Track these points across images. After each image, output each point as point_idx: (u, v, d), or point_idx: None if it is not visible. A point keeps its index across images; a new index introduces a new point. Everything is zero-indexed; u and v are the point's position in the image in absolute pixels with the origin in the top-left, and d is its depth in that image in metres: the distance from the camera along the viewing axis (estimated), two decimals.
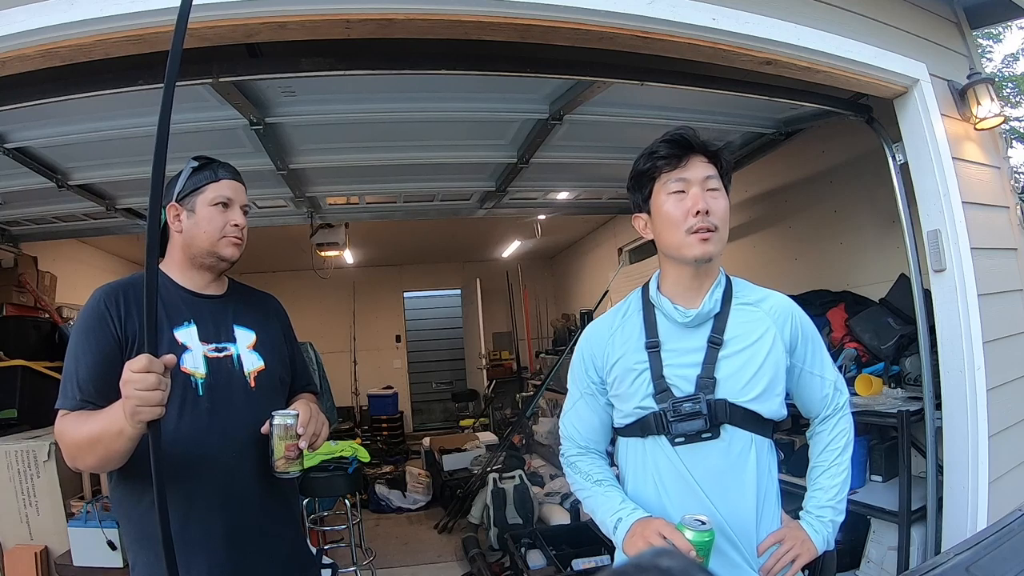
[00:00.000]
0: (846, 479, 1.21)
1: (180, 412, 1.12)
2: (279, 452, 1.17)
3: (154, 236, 0.86)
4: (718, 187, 1.12)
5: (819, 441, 1.26)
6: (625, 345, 1.17)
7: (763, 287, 1.22)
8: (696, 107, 2.42)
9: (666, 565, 0.40)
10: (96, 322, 1.14)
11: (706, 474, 1.09)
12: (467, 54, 1.69)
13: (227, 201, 1.24)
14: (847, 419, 1.24)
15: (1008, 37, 10.26)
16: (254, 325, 1.30)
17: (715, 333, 1.12)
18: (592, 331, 1.25)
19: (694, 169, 1.11)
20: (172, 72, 0.79)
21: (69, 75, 1.51)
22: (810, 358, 1.19)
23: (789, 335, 1.15)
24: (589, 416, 1.24)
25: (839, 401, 1.24)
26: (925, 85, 2.02)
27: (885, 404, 2.21)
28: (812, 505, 1.20)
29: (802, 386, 1.21)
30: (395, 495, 4.78)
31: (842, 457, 1.22)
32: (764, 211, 3.59)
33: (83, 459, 1.08)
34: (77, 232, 3.63)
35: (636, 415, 1.14)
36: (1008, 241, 2.22)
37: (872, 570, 2.17)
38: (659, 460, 1.12)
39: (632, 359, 1.15)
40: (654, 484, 1.13)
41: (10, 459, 2.66)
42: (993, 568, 0.81)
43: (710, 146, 1.13)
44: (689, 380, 1.11)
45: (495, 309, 7.24)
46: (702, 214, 1.07)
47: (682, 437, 1.09)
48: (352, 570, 3.02)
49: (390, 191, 3.40)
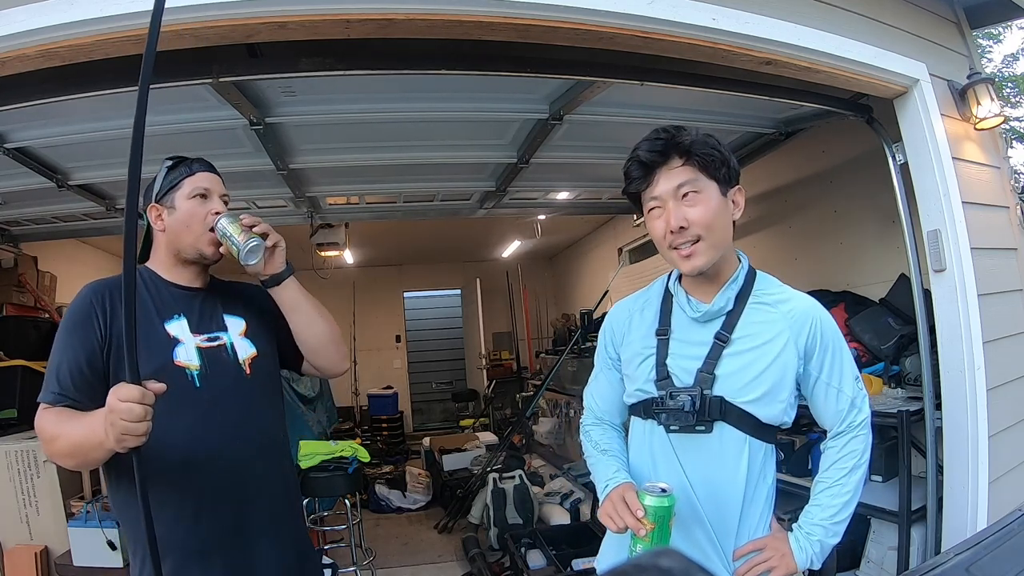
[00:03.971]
0: (849, 502, 1.13)
1: (179, 407, 1.11)
2: (236, 232, 1.18)
3: (131, 260, 0.84)
4: (697, 190, 1.06)
5: (827, 458, 1.19)
6: (640, 328, 1.20)
7: (790, 287, 1.19)
8: (696, 107, 2.42)
9: (666, 565, 0.40)
10: (82, 319, 1.14)
11: (695, 466, 1.10)
12: (467, 54, 1.69)
13: (205, 192, 1.25)
14: (862, 440, 1.16)
15: (1008, 37, 10.26)
16: (243, 313, 1.30)
17: (723, 330, 1.11)
18: (617, 309, 1.29)
19: (663, 183, 1.07)
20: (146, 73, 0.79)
21: (69, 75, 1.51)
22: (828, 369, 1.13)
23: (806, 342, 1.11)
24: (607, 389, 1.28)
25: (855, 419, 1.15)
26: (925, 85, 2.02)
27: (885, 404, 2.21)
28: (805, 520, 1.15)
29: (816, 396, 1.16)
30: (395, 495, 4.78)
31: (848, 478, 1.14)
32: (764, 211, 3.59)
33: (61, 459, 1.09)
34: (77, 232, 3.63)
35: (638, 396, 1.17)
36: (1008, 241, 2.22)
37: (872, 570, 2.17)
38: (655, 443, 1.15)
39: (642, 343, 1.18)
40: (649, 464, 1.16)
41: (10, 459, 2.66)
42: (993, 568, 0.81)
43: (681, 146, 1.07)
44: (690, 372, 1.11)
45: (495, 309, 7.24)
46: (676, 232, 1.06)
47: (675, 425, 1.10)
48: (352, 570, 3.02)
49: (390, 191, 3.40)
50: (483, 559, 3.34)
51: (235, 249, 1.19)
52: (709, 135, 1.10)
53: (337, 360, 1.38)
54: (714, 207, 1.07)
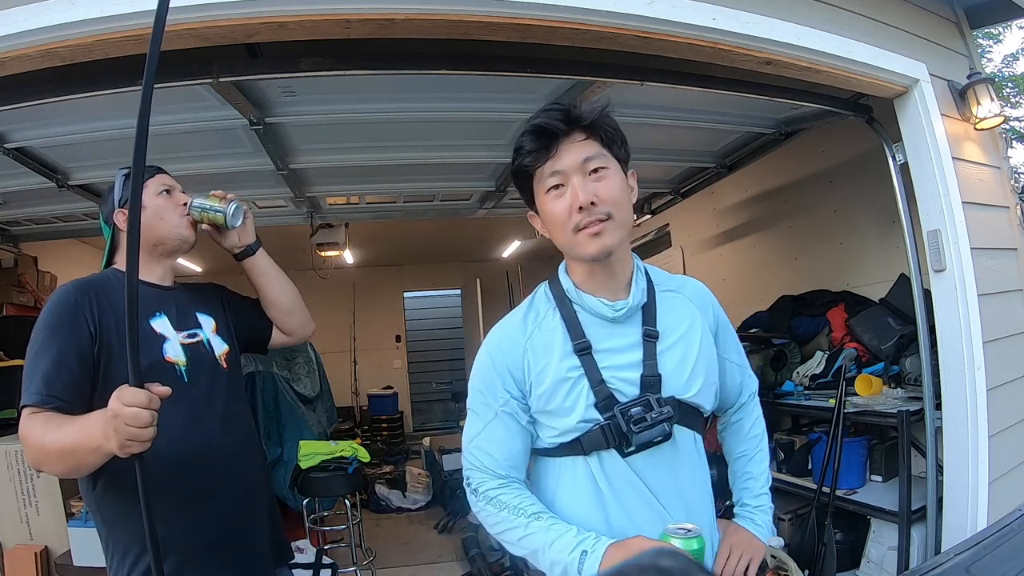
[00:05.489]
0: (768, 465, 1.18)
1: (171, 402, 1.10)
2: (215, 203, 1.31)
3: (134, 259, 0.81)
4: (605, 164, 0.96)
5: (739, 429, 1.19)
6: (548, 352, 0.99)
7: (670, 273, 1.13)
8: (696, 107, 2.42)
9: (666, 565, 0.39)
10: (68, 317, 1.11)
11: (663, 484, 0.98)
12: (467, 54, 1.69)
13: (169, 188, 1.32)
14: (758, 405, 1.20)
15: (1008, 37, 10.26)
16: (210, 311, 1.36)
17: (648, 325, 1.00)
18: (500, 338, 1.04)
19: (568, 155, 0.95)
20: (150, 74, 0.77)
21: (69, 75, 1.51)
22: (724, 344, 1.11)
23: (713, 320, 1.09)
24: (508, 440, 1.02)
25: (752, 388, 1.18)
26: (925, 85, 2.02)
27: (885, 404, 2.21)
28: (749, 496, 1.14)
29: (722, 374, 1.10)
30: (395, 495, 4.78)
31: (762, 443, 1.18)
32: (764, 211, 3.59)
33: (49, 465, 1.05)
34: (77, 232, 3.62)
35: (580, 430, 0.97)
36: (1008, 241, 2.22)
37: (872, 570, 2.17)
38: (608, 476, 0.97)
39: (562, 368, 0.98)
40: (596, 505, 0.97)
41: (10, 459, 2.66)
42: (993, 568, 0.81)
43: (583, 118, 0.96)
44: (632, 382, 0.97)
45: (495, 309, 7.20)
46: (586, 208, 0.93)
47: (632, 446, 0.95)
48: (352, 570, 3.02)
49: (390, 191, 3.40)
50: (483, 559, 3.33)
51: (220, 216, 1.30)
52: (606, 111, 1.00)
53: (305, 319, 1.50)
54: (620, 185, 0.97)
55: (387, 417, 6.84)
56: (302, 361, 4.29)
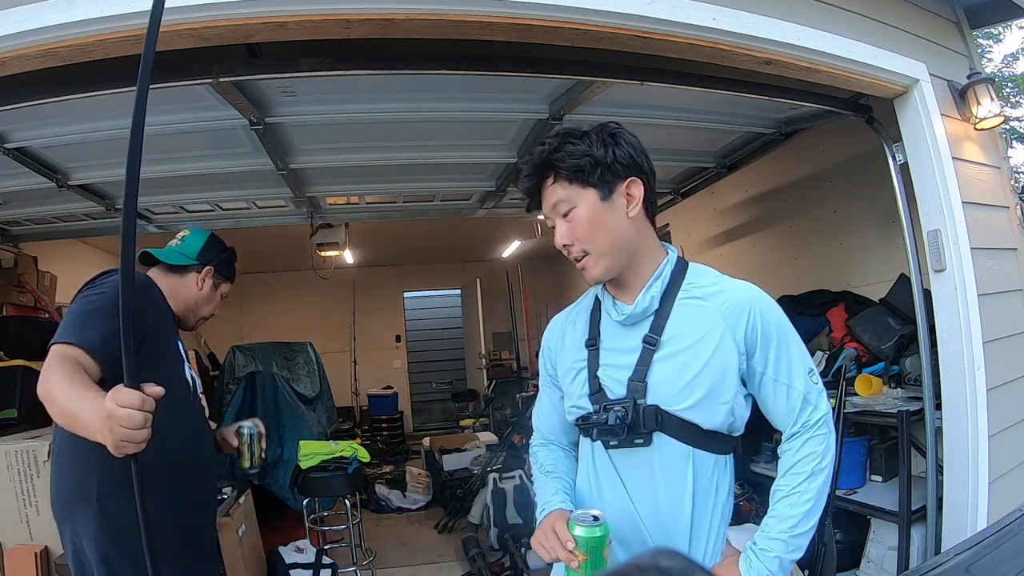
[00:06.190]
0: (810, 512, 1.00)
1: (182, 413, 1.22)
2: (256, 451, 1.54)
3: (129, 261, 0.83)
4: (572, 204, 1.01)
5: (784, 462, 1.05)
6: (572, 341, 1.13)
7: (727, 276, 1.07)
8: (696, 107, 2.42)
9: (666, 565, 0.39)
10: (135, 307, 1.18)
11: (637, 483, 1.02)
12: (467, 54, 1.69)
13: (225, 295, 1.62)
14: (821, 441, 1.03)
15: (1008, 37, 10.25)
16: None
17: (651, 333, 1.02)
18: (551, 325, 1.22)
19: (545, 201, 1.06)
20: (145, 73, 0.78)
21: (69, 75, 1.51)
22: (774, 362, 1.02)
23: (744, 334, 1.00)
24: (549, 409, 1.21)
25: (811, 418, 1.03)
26: (925, 85, 2.02)
27: (885, 404, 2.21)
28: (761, 535, 1.02)
29: (764, 394, 1.04)
30: (395, 495, 4.78)
31: (808, 485, 1.01)
32: (764, 211, 3.59)
33: (50, 411, 1.08)
34: (77, 232, 3.63)
35: (574, 413, 1.09)
36: (1008, 241, 2.22)
37: (872, 570, 2.17)
38: (597, 461, 1.07)
39: (573, 356, 1.11)
40: (594, 484, 1.08)
41: (10, 459, 2.65)
42: (993, 568, 0.81)
43: (546, 163, 1.03)
44: (621, 383, 1.02)
45: (495, 309, 7.23)
46: (567, 248, 1.04)
47: (613, 441, 1.02)
48: (352, 570, 3.02)
49: (390, 191, 3.40)
50: (483, 559, 3.33)
51: (248, 456, 1.54)
52: (580, 137, 1.02)
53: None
54: (587, 220, 1.00)
55: (387, 417, 6.84)
56: (302, 361, 4.30)
